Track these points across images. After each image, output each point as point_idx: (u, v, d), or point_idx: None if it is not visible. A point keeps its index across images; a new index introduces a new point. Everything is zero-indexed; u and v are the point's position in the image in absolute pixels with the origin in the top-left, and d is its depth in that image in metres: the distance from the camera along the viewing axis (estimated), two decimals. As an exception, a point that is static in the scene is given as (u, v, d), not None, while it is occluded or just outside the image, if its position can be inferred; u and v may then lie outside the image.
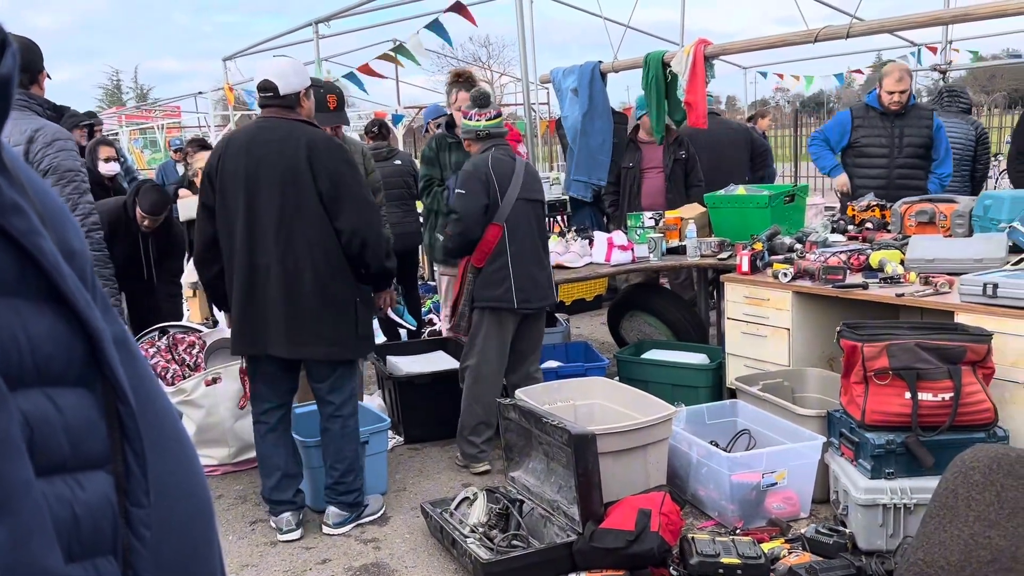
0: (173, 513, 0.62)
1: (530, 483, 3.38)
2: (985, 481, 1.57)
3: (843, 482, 3.07)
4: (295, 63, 3.30)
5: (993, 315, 3.08)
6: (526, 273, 3.86)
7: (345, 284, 3.19)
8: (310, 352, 3.22)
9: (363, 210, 3.15)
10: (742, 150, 6.13)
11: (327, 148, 3.14)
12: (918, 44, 9.60)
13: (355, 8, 7.38)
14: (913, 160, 4.94)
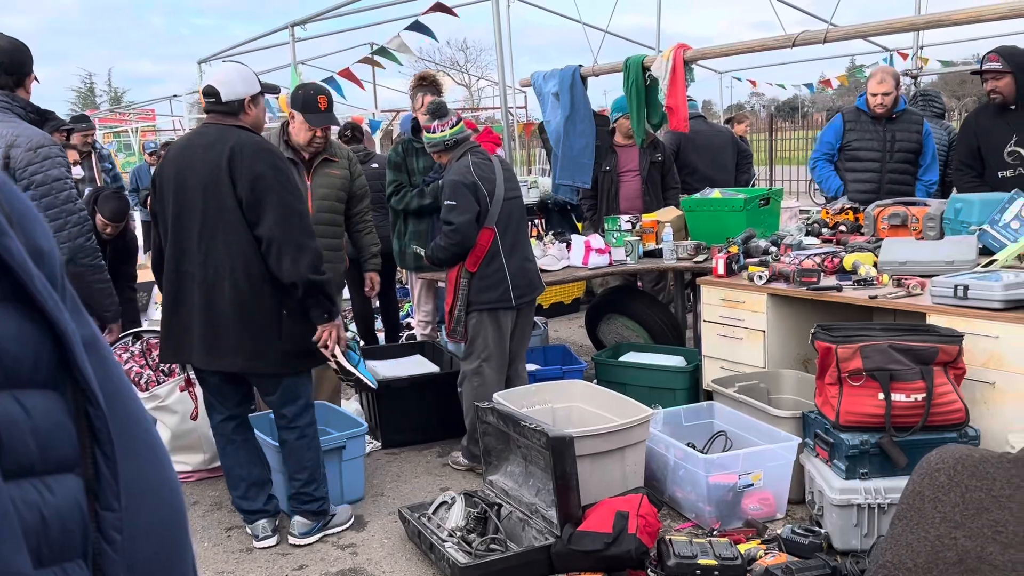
0: (145, 517, 0.61)
1: (508, 486, 3.38)
2: (950, 482, 1.59)
3: (818, 483, 3.10)
4: (243, 70, 3.20)
5: (964, 316, 3.12)
6: (519, 269, 3.91)
7: (268, 295, 3.03)
8: (227, 364, 3.09)
9: (284, 217, 2.96)
10: (730, 152, 6.22)
11: (251, 152, 2.99)
12: (890, 50, 9.74)
13: (331, 11, 7.35)
14: (904, 166, 4.95)
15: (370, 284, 4.49)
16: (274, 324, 3.05)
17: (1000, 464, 1.57)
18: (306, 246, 2.99)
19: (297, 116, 3.91)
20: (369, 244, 4.40)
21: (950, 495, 1.58)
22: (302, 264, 2.96)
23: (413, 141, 4.77)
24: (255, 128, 3.17)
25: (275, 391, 3.20)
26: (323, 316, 3.09)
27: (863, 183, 4.97)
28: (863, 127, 5.01)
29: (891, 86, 4.87)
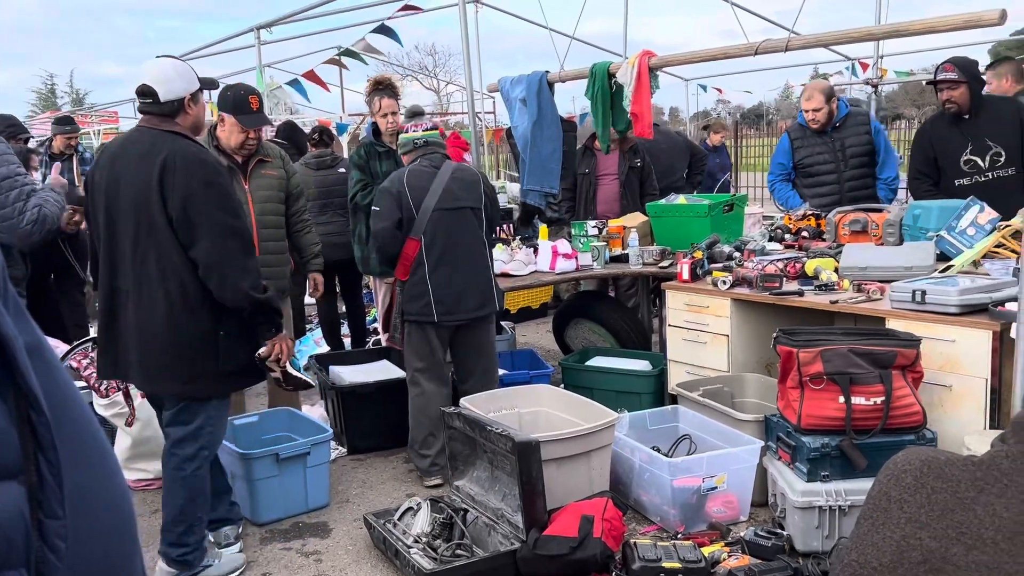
0: (91, 524, 0.60)
1: (474, 492, 3.37)
2: (916, 484, 1.62)
3: (780, 485, 3.14)
4: (180, 65, 2.95)
5: (922, 321, 3.18)
6: (448, 285, 3.77)
7: (204, 317, 2.84)
8: (164, 388, 2.93)
9: (221, 239, 2.77)
10: (681, 159, 6.25)
11: (183, 167, 2.76)
12: (852, 59, 9.91)
13: (298, 14, 7.30)
14: (861, 170, 4.95)
15: (313, 285, 4.38)
16: (211, 346, 2.86)
17: (965, 467, 1.61)
18: (246, 267, 2.82)
19: (228, 118, 3.74)
20: (309, 244, 4.26)
21: (916, 496, 1.60)
22: (245, 286, 2.79)
23: (375, 145, 4.76)
24: (196, 128, 3.00)
25: (173, 407, 2.97)
26: (271, 331, 2.96)
27: (824, 196, 4.95)
28: (811, 141, 5.00)
29: (820, 101, 4.85)
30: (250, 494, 3.52)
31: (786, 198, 5.16)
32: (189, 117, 2.93)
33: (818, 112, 4.88)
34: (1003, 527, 1.50)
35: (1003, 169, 4.34)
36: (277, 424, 3.96)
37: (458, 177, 3.89)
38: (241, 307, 2.84)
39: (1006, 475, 1.55)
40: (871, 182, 5.01)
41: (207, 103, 3.76)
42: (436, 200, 3.77)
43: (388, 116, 4.75)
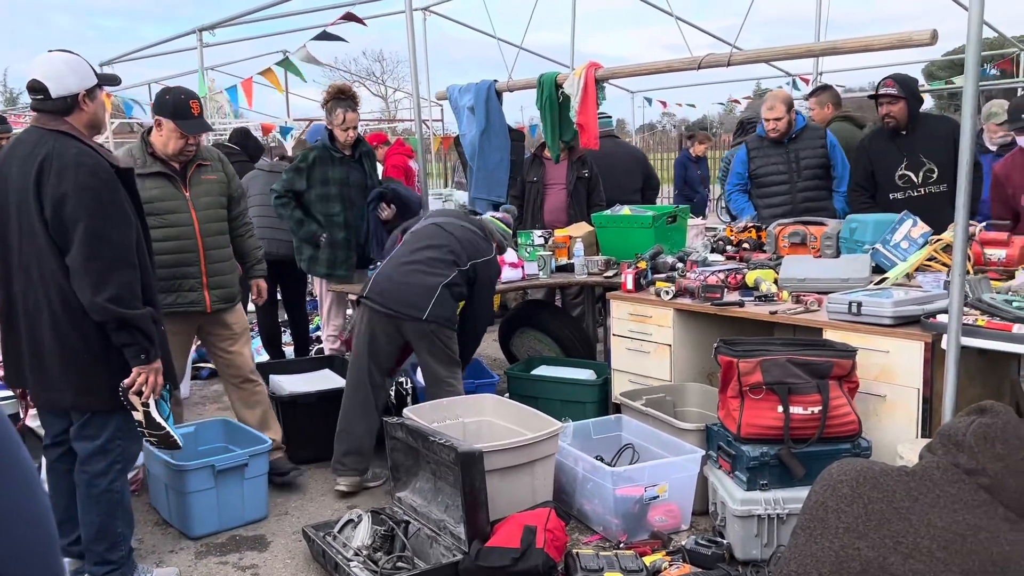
0: (10, 540, 0.58)
1: (417, 503, 3.33)
2: (852, 494, 1.65)
3: (721, 494, 3.17)
4: (73, 59, 2.76)
5: (857, 332, 3.26)
6: (391, 273, 3.87)
7: (91, 327, 2.69)
8: (58, 400, 2.79)
9: (90, 245, 2.61)
10: (636, 174, 6.29)
11: (59, 168, 2.61)
12: (792, 75, 10.17)
13: (241, 17, 7.18)
14: (814, 182, 5.02)
15: (256, 292, 4.22)
16: (101, 357, 2.72)
17: (899, 478, 1.64)
18: (111, 276, 2.64)
19: (166, 123, 3.55)
20: (252, 248, 4.09)
21: (853, 507, 1.63)
22: (103, 297, 2.61)
23: (331, 150, 4.74)
24: (93, 126, 2.83)
25: (76, 421, 2.82)
26: (139, 356, 2.72)
27: (776, 207, 5.03)
28: (766, 152, 5.08)
29: (782, 111, 4.93)
30: (184, 507, 3.42)
31: (741, 209, 5.22)
32: (84, 115, 2.76)
33: (779, 121, 4.95)
34: (938, 536, 1.53)
35: (935, 185, 4.48)
36: (214, 435, 3.86)
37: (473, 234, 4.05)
38: (103, 321, 2.66)
39: (938, 485, 1.59)
40: (825, 195, 5.07)
41: (156, 105, 3.63)
42: (443, 220, 4.07)
43: (349, 131, 4.74)
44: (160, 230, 3.55)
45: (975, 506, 1.56)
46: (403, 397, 4.27)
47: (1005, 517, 1.54)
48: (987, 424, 1.63)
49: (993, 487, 1.57)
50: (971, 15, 2.78)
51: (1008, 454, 1.58)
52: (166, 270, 3.58)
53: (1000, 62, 10.68)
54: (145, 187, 3.49)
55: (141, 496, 3.83)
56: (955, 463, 1.61)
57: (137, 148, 3.66)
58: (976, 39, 2.79)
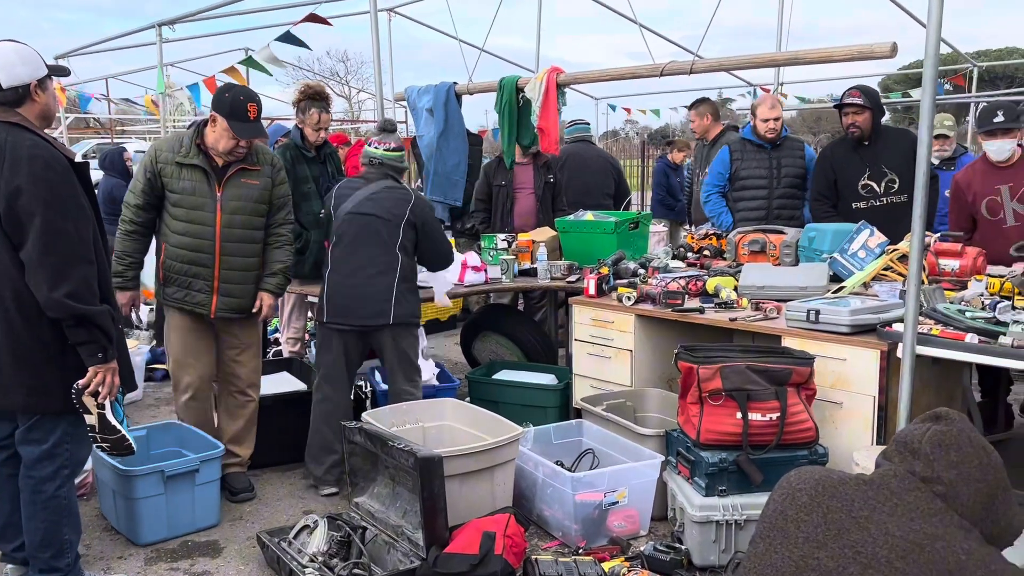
0: None
1: (375, 508, 3.29)
2: (812, 503, 1.64)
3: (679, 499, 3.18)
4: (23, 49, 2.66)
5: (815, 339, 3.30)
6: (338, 288, 3.77)
7: (46, 325, 2.60)
8: (9, 400, 2.67)
9: (46, 238, 2.52)
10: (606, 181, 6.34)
11: (13, 159, 2.52)
12: (754, 84, 10.30)
13: (202, 13, 7.05)
14: (791, 191, 5.12)
15: (258, 304, 3.79)
16: (56, 356, 2.63)
17: (858, 486, 1.64)
18: (68, 271, 2.54)
19: (220, 121, 3.50)
20: (275, 260, 3.78)
21: (812, 516, 1.63)
22: (60, 292, 2.52)
23: (302, 149, 4.67)
24: (45, 117, 2.73)
25: (26, 422, 2.71)
26: (96, 355, 2.62)
27: (753, 210, 5.12)
28: (749, 156, 5.17)
29: (780, 111, 5.12)
30: (131, 514, 3.32)
31: (719, 213, 5.29)
32: (36, 105, 2.68)
33: (777, 122, 5.08)
34: (896, 546, 1.54)
35: (896, 195, 4.56)
36: (167, 438, 3.77)
37: (386, 193, 3.84)
38: (60, 317, 2.57)
39: (896, 494, 1.60)
40: (798, 204, 5.17)
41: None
42: (352, 206, 3.81)
43: (321, 131, 4.68)
44: (181, 223, 3.57)
45: (931, 515, 1.57)
46: (362, 401, 4.22)
47: (960, 526, 1.55)
48: (942, 432, 1.64)
49: (948, 495, 1.58)
50: (929, 32, 2.83)
51: (961, 461, 1.60)
52: (180, 265, 3.60)
53: (953, 77, 10.95)
54: (180, 177, 3.57)
55: (90, 500, 3.73)
56: (911, 471, 1.62)
57: (187, 136, 3.61)
58: (934, 54, 2.84)
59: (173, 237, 3.60)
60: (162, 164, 3.57)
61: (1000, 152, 4.14)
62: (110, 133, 18.16)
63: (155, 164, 3.58)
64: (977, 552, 1.52)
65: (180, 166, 3.56)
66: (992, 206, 4.22)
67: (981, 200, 4.25)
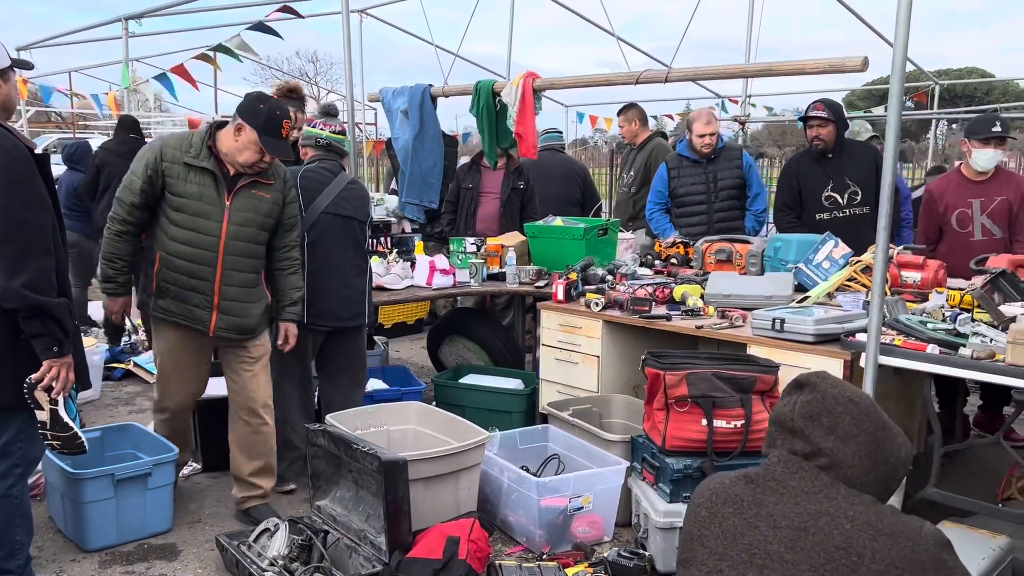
0: None
1: (337, 512, 3.25)
2: (709, 516, 1.60)
3: (644, 505, 3.18)
4: None
5: (780, 348, 3.33)
6: (323, 289, 3.77)
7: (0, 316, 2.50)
8: None
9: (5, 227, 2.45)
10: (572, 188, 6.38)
11: None
12: (722, 96, 10.41)
13: (169, 7, 6.95)
14: (730, 202, 5.21)
15: (284, 337, 3.61)
16: (8, 349, 2.53)
17: (746, 484, 1.60)
18: (27, 262, 2.46)
19: (249, 132, 3.27)
20: (291, 287, 3.59)
21: (711, 528, 1.59)
22: (17, 282, 2.43)
23: None
24: (5, 110, 2.65)
25: None
26: (51, 349, 2.54)
27: (693, 225, 5.21)
28: (686, 171, 5.26)
29: (716, 126, 5.20)
30: (79, 518, 3.23)
31: (662, 229, 5.36)
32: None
33: (713, 137, 5.16)
34: (784, 538, 1.49)
35: (859, 207, 4.64)
36: (123, 440, 3.69)
37: (351, 190, 3.91)
38: (15, 308, 2.47)
39: (780, 482, 1.55)
40: (739, 214, 5.27)
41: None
42: (327, 204, 3.79)
43: (294, 131, 4.60)
44: (181, 230, 3.28)
45: (815, 492, 1.52)
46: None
47: (846, 494, 1.51)
48: (807, 401, 1.58)
49: (832, 465, 1.53)
50: (896, 49, 2.88)
51: (835, 424, 1.54)
52: (177, 275, 3.30)
53: (916, 94, 11.18)
54: (187, 179, 3.28)
55: (43, 501, 3.63)
56: (793, 451, 1.57)
57: (197, 136, 3.35)
58: (900, 71, 2.89)
59: (171, 244, 3.30)
60: (168, 163, 3.28)
61: (991, 161, 4.27)
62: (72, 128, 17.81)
63: (160, 162, 3.27)
64: (863, 515, 1.47)
65: (188, 168, 3.29)
66: (962, 218, 4.35)
67: (952, 211, 4.38)
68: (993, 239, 4.32)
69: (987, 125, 4.27)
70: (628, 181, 6.11)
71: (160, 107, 15.99)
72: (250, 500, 3.58)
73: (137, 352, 6.11)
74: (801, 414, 1.58)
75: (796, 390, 1.63)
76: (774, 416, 1.64)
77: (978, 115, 4.63)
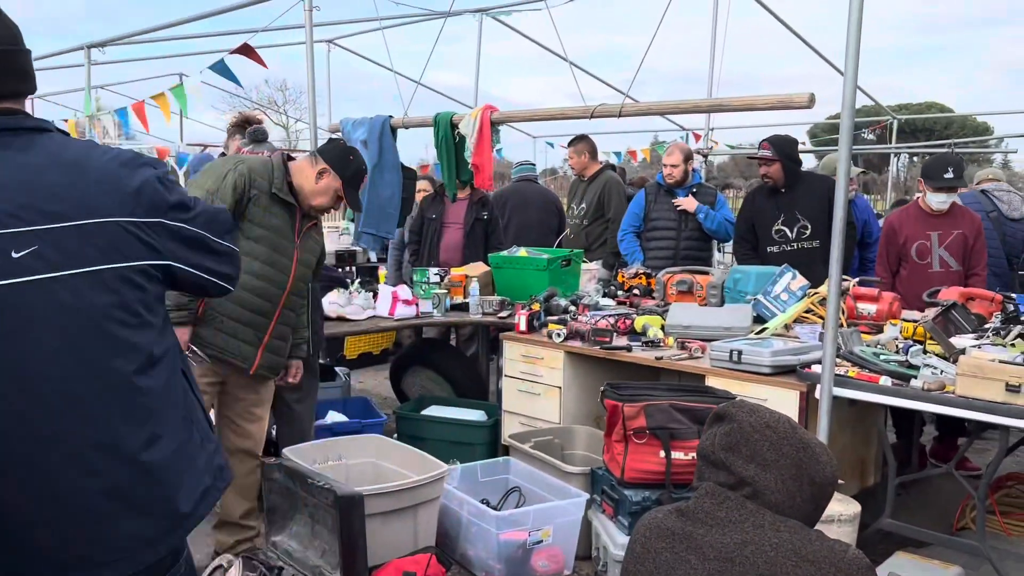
0: None
1: (292, 548, 3.19)
2: (644, 551, 1.60)
3: (603, 538, 3.17)
4: None
5: (737, 379, 3.35)
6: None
7: None
8: None
9: None
10: (548, 218, 6.50)
11: None
12: (687, 129, 10.58)
13: (134, 35, 6.93)
14: (698, 233, 5.40)
15: (294, 371, 3.58)
16: None
17: (678, 518, 1.60)
18: None
19: (333, 179, 3.26)
20: (302, 326, 3.55)
21: (645, 564, 1.59)
22: None
23: None
24: None
25: None
26: None
27: (661, 251, 5.38)
28: (661, 200, 5.47)
29: (678, 159, 5.39)
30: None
31: (631, 252, 5.53)
32: None
33: (675, 168, 5.37)
34: (712, 570, 1.50)
35: (808, 241, 4.75)
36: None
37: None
38: None
39: (709, 515, 1.55)
40: (706, 246, 5.50)
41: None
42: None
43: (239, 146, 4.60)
44: (257, 263, 3.13)
45: (741, 521, 1.52)
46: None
47: (772, 522, 1.51)
48: (726, 432, 1.59)
49: (756, 493, 1.53)
50: (846, 84, 2.95)
51: (755, 453, 1.55)
52: (237, 309, 3.14)
53: (875, 127, 11.45)
54: (272, 211, 3.18)
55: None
56: (719, 483, 1.58)
57: (277, 168, 3.24)
58: (850, 107, 2.96)
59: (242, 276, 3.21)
60: (257, 190, 3.15)
61: (944, 204, 4.45)
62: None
63: (249, 187, 3.13)
64: (787, 542, 1.47)
65: (273, 199, 3.18)
66: (921, 250, 4.51)
67: (912, 243, 4.53)
68: (950, 271, 4.46)
69: (940, 172, 4.42)
70: (579, 213, 6.19)
71: (126, 136, 15.85)
72: (244, 542, 3.49)
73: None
74: (721, 446, 1.59)
75: (716, 422, 1.64)
76: (699, 450, 1.65)
77: (934, 157, 4.77)
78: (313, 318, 3.74)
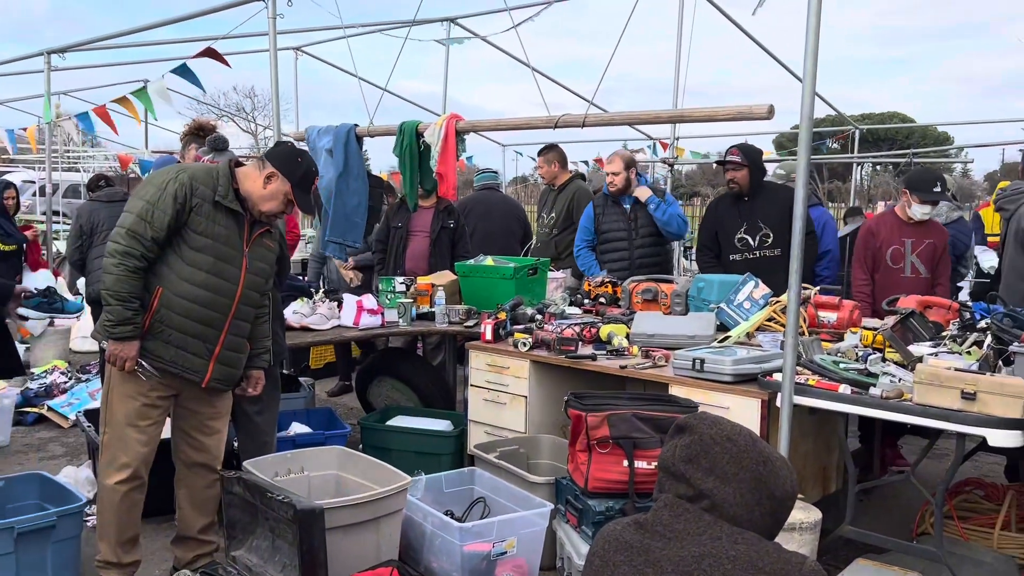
0: None
1: (253, 562, 3.14)
2: (603, 565, 1.60)
3: (568, 548, 3.16)
4: None
5: (700, 388, 3.37)
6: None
7: None
8: None
9: None
10: (513, 228, 6.51)
11: None
12: (654, 138, 10.66)
13: (94, 42, 6.82)
14: (650, 239, 5.31)
15: (254, 382, 3.51)
16: None
17: (636, 531, 1.60)
18: None
19: (282, 183, 3.18)
20: (262, 336, 3.47)
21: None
22: None
23: None
24: None
25: None
26: None
27: (616, 261, 5.33)
28: (610, 211, 5.38)
29: (619, 166, 5.27)
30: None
31: (588, 266, 5.47)
32: None
33: (616, 176, 5.27)
34: None
35: (770, 249, 4.80)
36: (28, 491, 3.51)
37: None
38: None
39: (668, 527, 1.55)
40: (661, 251, 5.41)
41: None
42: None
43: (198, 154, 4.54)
44: (201, 273, 3.08)
45: (699, 534, 1.52)
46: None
47: (730, 535, 1.50)
48: (687, 444, 1.59)
49: (715, 506, 1.53)
50: (804, 93, 2.98)
51: (714, 465, 1.55)
52: (183, 320, 3.08)
53: (838, 136, 11.61)
54: (216, 219, 3.10)
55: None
56: (679, 495, 1.58)
57: (223, 175, 3.15)
58: (808, 116, 2.99)
59: (183, 286, 3.06)
60: (199, 199, 3.07)
61: (927, 215, 4.59)
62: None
63: (191, 196, 3.05)
64: (744, 555, 1.47)
65: (216, 207, 3.10)
66: (895, 255, 4.63)
67: (887, 248, 4.64)
68: (920, 278, 4.61)
69: (929, 186, 4.54)
70: (548, 222, 6.20)
71: (92, 141, 15.58)
72: (203, 557, 3.43)
73: (51, 395, 5.87)
74: (681, 457, 1.58)
75: (677, 434, 1.64)
76: (659, 462, 1.65)
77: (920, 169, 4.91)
78: (274, 327, 3.70)
